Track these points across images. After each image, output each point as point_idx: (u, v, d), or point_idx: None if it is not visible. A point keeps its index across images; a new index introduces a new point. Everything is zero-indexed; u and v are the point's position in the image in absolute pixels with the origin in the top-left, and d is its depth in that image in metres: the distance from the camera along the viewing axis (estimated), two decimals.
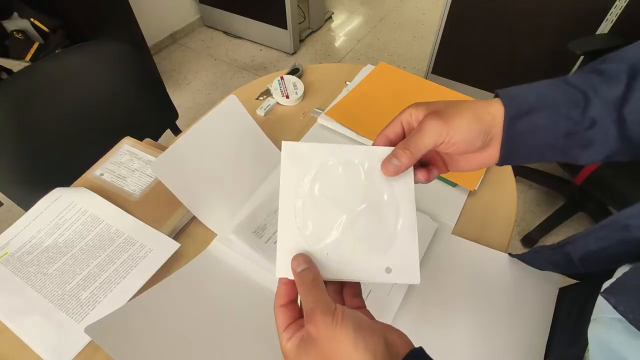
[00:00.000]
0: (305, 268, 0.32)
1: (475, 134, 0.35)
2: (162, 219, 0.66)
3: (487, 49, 1.79)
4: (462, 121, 0.34)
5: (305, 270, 0.31)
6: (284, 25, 2.25)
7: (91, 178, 0.73)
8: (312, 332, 0.29)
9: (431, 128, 0.34)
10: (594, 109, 0.34)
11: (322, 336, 0.28)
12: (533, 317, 0.55)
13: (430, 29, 2.62)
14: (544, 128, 0.35)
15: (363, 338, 0.28)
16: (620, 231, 0.38)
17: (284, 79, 0.91)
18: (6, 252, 0.61)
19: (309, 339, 0.29)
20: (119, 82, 0.98)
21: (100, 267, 0.59)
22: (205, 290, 0.58)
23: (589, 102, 0.34)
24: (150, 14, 2.24)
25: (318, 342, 0.28)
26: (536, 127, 0.35)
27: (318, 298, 0.30)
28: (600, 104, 0.34)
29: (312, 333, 0.29)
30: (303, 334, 0.30)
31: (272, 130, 0.80)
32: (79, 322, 0.54)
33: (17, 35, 1.68)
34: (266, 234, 0.64)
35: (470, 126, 0.34)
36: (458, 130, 0.34)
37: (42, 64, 0.88)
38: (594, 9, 1.46)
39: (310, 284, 0.31)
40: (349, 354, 0.27)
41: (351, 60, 2.40)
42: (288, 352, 0.30)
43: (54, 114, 0.89)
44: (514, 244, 1.57)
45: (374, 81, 0.91)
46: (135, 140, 0.79)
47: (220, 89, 2.21)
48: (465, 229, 0.67)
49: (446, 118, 0.34)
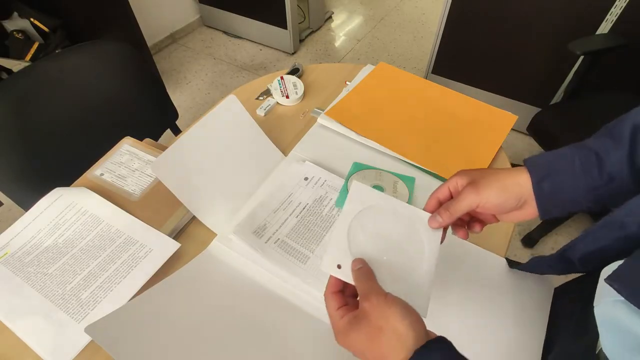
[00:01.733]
0: (361, 266, 0.40)
1: (503, 200, 0.43)
2: (162, 219, 0.66)
3: (487, 49, 1.79)
4: (491, 192, 0.43)
5: (362, 267, 0.40)
6: (284, 25, 2.25)
7: (91, 178, 0.73)
8: (367, 307, 0.36)
9: (467, 197, 0.44)
10: (609, 166, 0.41)
11: (374, 311, 0.35)
12: (530, 316, 0.55)
13: (430, 29, 2.62)
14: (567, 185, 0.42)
15: (409, 315, 0.35)
16: (618, 230, 0.40)
17: (284, 78, 0.91)
18: (6, 252, 0.61)
19: (362, 314, 0.36)
20: (118, 81, 0.98)
21: (101, 267, 0.59)
22: (205, 290, 0.58)
23: (602, 161, 0.41)
24: (150, 14, 2.24)
25: (370, 316, 0.35)
26: (560, 186, 0.42)
27: (372, 285, 0.38)
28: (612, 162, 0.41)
29: (366, 308, 0.36)
30: (354, 313, 0.37)
31: (272, 130, 0.80)
32: (79, 322, 0.54)
33: (17, 35, 1.68)
34: (266, 233, 0.64)
35: (498, 195, 0.43)
36: (489, 200, 0.43)
37: (42, 64, 0.88)
38: (594, 9, 1.46)
39: (366, 276, 0.39)
40: (395, 326, 0.34)
41: (351, 60, 2.40)
42: (341, 328, 0.37)
43: (54, 113, 0.89)
44: (514, 243, 1.57)
45: (373, 81, 0.91)
46: (135, 140, 0.79)
47: (220, 88, 2.21)
48: None
49: (479, 189, 0.44)
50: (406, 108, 0.85)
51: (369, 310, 0.36)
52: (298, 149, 0.79)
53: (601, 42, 1.36)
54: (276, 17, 2.23)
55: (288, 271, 0.59)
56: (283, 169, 0.75)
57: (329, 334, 0.54)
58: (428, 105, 0.86)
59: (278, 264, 0.60)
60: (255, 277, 0.60)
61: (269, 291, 0.59)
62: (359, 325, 0.36)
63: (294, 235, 0.64)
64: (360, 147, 0.79)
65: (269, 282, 0.59)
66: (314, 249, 0.62)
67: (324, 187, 0.71)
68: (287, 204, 0.68)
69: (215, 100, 2.10)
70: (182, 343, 0.50)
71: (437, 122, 0.82)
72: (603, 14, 1.46)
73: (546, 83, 1.73)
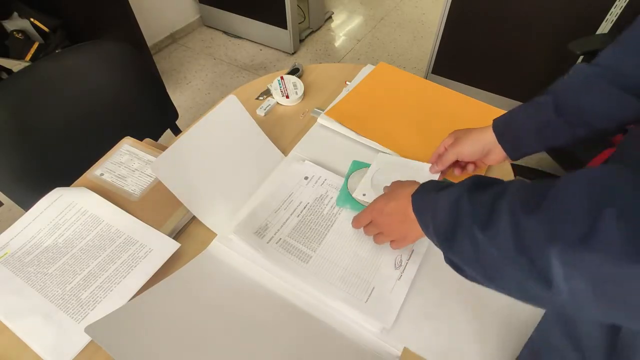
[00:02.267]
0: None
1: (472, 151, 0.65)
2: (162, 219, 0.66)
3: (487, 49, 1.79)
4: (464, 146, 0.65)
5: None
6: (284, 25, 2.25)
7: (91, 178, 0.73)
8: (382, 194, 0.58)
9: (450, 150, 0.67)
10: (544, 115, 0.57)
11: (383, 196, 0.57)
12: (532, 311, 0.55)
13: (430, 29, 2.62)
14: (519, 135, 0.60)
15: (403, 181, 0.58)
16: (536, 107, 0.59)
17: (284, 79, 0.91)
18: (6, 252, 0.61)
19: (377, 200, 0.58)
20: (119, 82, 0.98)
21: (101, 267, 0.59)
22: (205, 290, 0.58)
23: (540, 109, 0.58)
24: (150, 14, 2.24)
25: (383, 196, 0.57)
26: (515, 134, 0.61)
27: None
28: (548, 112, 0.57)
29: (382, 194, 0.58)
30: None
31: (272, 130, 0.80)
32: (79, 322, 0.54)
33: (17, 35, 1.68)
34: (268, 234, 0.64)
35: (469, 147, 0.65)
36: (463, 151, 0.66)
37: (42, 64, 0.88)
38: (594, 9, 1.46)
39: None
40: (398, 186, 0.55)
41: (351, 60, 2.40)
42: (370, 208, 0.59)
43: (54, 113, 0.89)
44: None
45: (373, 81, 0.91)
46: (135, 140, 0.79)
47: (220, 88, 2.21)
48: None
49: (457, 145, 0.66)
50: (406, 108, 0.85)
51: (380, 197, 0.57)
52: (298, 148, 0.79)
53: (601, 42, 1.36)
54: (276, 17, 2.23)
55: (290, 271, 0.59)
56: (283, 169, 0.75)
57: (329, 333, 0.54)
58: (428, 105, 0.86)
59: (280, 264, 0.60)
60: (255, 277, 0.60)
61: (269, 291, 0.59)
62: (377, 201, 0.57)
63: (295, 234, 0.64)
64: (361, 147, 0.79)
65: (269, 282, 0.59)
66: (315, 247, 0.62)
67: (324, 186, 0.71)
68: (287, 203, 0.68)
69: (215, 100, 2.10)
70: (182, 343, 0.50)
71: (436, 121, 0.82)
72: (603, 14, 1.46)
73: (546, 83, 1.71)
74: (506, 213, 0.33)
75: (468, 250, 0.37)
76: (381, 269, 0.60)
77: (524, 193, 0.34)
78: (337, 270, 0.60)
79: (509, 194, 0.35)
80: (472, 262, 0.37)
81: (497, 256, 0.34)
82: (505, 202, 0.34)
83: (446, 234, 0.40)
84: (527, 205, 0.32)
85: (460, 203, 0.38)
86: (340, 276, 0.59)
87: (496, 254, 0.34)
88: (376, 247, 0.62)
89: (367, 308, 0.55)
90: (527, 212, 0.31)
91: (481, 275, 0.37)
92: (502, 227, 0.33)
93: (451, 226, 0.39)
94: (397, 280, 0.59)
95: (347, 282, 0.58)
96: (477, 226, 0.35)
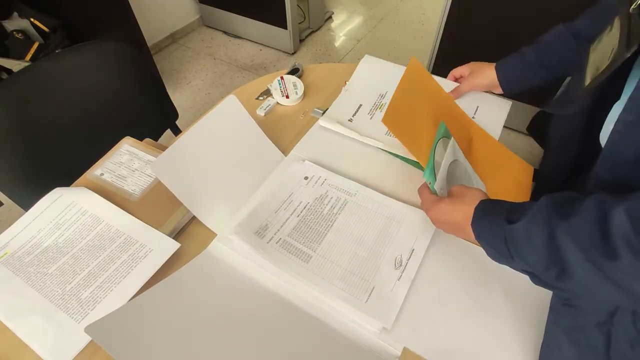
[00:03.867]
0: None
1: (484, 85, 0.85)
2: (162, 219, 0.66)
3: (487, 49, 1.79)
4: (477, 79, 0.85)
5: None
6: (284, 25, 2.25)
7: (91, 178, 0.73)
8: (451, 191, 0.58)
9: (465, 83, 0.87)
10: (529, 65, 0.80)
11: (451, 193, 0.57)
12: (532, 311, 0.56)
13: (430, 29, 2.62)
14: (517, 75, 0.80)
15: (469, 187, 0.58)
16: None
17: (284, 78, 0.91)
18: (6, 252, 0.61)
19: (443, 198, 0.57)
20: (118, 81, 0.98)
21: (101, 267, 0.59)
22: (205, 290, 0.58)
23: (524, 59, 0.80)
24: (150, 14, 2.24)
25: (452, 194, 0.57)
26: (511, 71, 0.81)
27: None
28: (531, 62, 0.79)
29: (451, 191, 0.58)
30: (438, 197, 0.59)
31: (272, 130, 0.80)
32: (79, 322, 0.54)
33: (17, 35, 1.68)
34: (268, 234, 0.64)
35: (481, 81, 0.84)
36: (477, 84, 0.86)
37: (42, 64, 0.88)
38: None
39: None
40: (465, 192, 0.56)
41: (351, 60, 2.40)
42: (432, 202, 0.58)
43: (54, 113, 0.89)
44: None
45: (409, 81, 0.77)
46: (135, 140, 0.79)
47: (220, 88, 2.21)
48: None
49: (472, 78, 0.86)
50: (434, 117, 0.75)
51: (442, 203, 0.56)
52: (298, 148, 0.79)
53: None
54: (276, 17, 2.23)
55: (290, 271, 0.59)
56: (283, 169, 0.75)
57: (329, 333, 0.54)
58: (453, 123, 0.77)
59: (280, 264, 0.60)
60: (255, 277, 0.60)
61: (269, 291, 0.59)
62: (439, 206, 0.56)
63: (295, 234, 0.64)
64: (360, 147, 0.79)
65: (269, 282, 0.59)
66: (315, 247, 0.62)
67: (324, 186, 0.71)
68: (287, 203, 0.68)
69: (215, 101, 2.10)
70: (182, 343, 0.50)
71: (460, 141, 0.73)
72: None
73: None
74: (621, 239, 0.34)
75: (583, 280, 0.38)
76: (381, 269, 0.60)
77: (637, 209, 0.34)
78: (337, 270, 0.60)
79: (611, 213, 0.35)
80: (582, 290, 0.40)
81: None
82: (618, 223, 0.34)
83: (549, 272, 0.40)
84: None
85: (557, 240, 0.38)
86: (341, 276, 0.59)
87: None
88: (376, 247, 0.62)
89: (367, 308, 0.55)
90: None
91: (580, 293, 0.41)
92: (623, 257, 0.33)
93: (560, 267, 0.39)
94: (397, 280, 0.59)
95: (347, 281, 0.58)
96: (597, 257, 0.35)
